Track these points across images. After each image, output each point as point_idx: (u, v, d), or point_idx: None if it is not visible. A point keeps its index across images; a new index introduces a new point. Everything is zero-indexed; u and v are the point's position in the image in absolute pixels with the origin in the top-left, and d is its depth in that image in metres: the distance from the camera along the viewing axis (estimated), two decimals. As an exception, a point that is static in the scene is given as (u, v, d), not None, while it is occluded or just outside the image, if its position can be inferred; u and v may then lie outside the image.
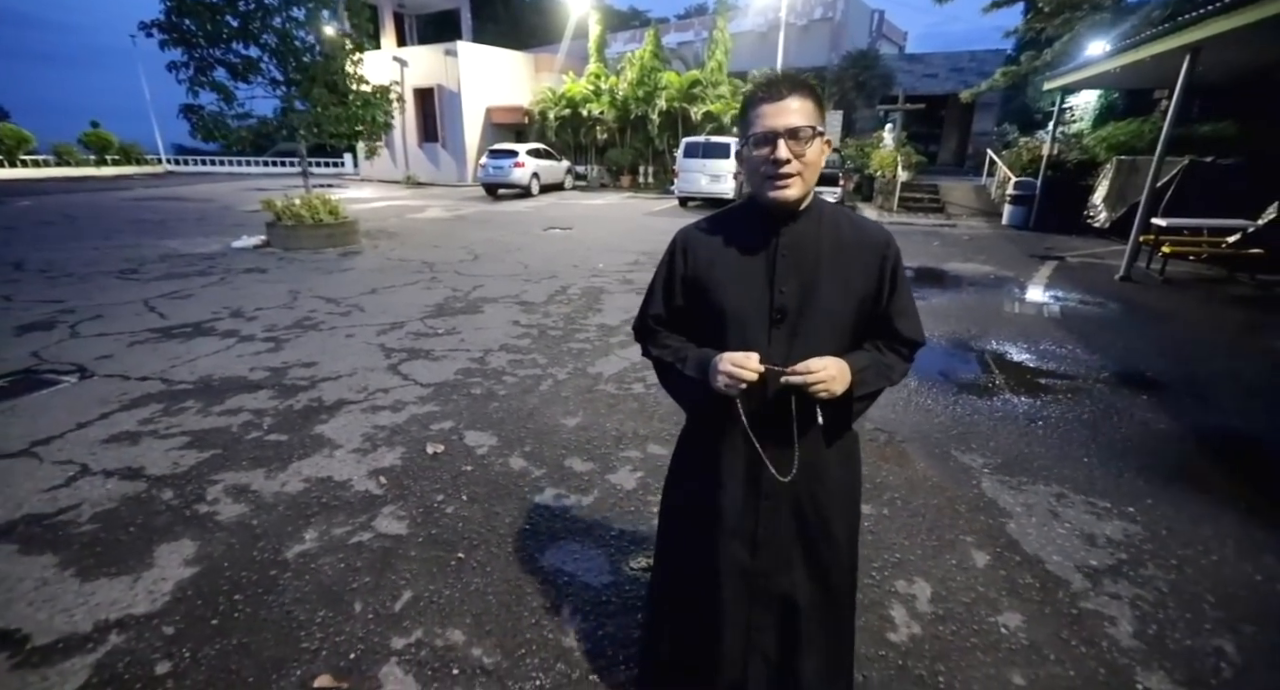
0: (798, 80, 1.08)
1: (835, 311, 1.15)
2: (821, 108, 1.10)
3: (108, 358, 4.20)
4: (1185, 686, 1.71)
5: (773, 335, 1.14)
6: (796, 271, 1.14)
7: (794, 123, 1.04)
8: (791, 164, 1.05)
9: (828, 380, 1.05)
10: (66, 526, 2.35)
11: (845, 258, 1.15)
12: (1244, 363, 4.43)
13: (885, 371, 1.18)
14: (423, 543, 2.31)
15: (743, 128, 1.12)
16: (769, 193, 1.09)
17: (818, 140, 1.06)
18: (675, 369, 1.21)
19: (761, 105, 1.06)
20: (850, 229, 1.18)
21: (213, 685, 1.68)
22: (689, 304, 1.23)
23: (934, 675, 1.76)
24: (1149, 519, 2.52)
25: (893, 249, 1.19)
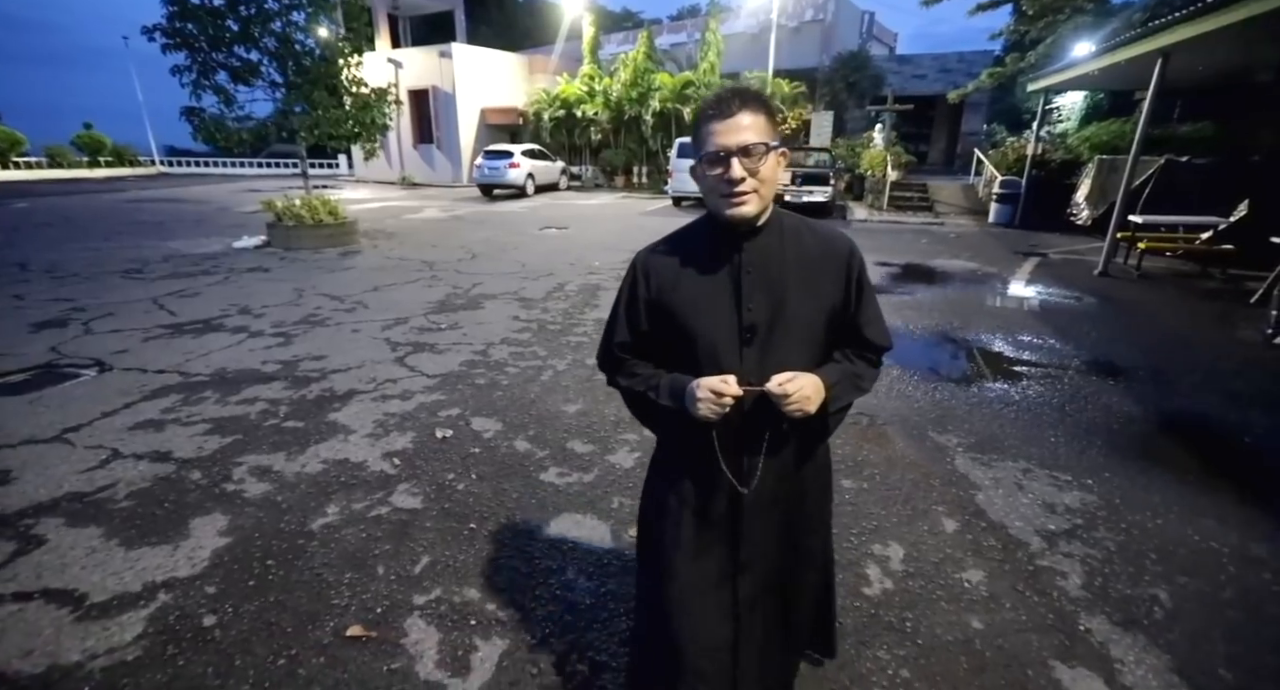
0: (748, 94, 1.06)
1: (805, 325, 1.14)
2: (774, 119, 1.08)
3: (124, 352, 4.36)
4: (1121, 627, 1.93)
5: (744, 354, 1.12)
6: (763, 288, 1.12)
7: (746, 140, 1.02)
8: (746, 182, 1.04)
9: (802, 401, 1.04)
10: (106, 503, 2.53)
11: (810, 270, 1.14)
12: (1207, 351, 4.67)
13: (856, 382, 1.18)
14: (437, 515, 2.51)
15: (695, 144, 1.09)
16: (725, 211, 1.07)
17: (772, 155, 1.05)
18: (648, 398, 1.17)
19: (712, 123, 1.04)
20: (813, 240, 1.17)
21: (255, 635, 1.87)
22: (654, 329, 1.19)
23: (902, 622, 1.97)
24: (1105, 490, 2.74)
25: (856, 257, 1.18)
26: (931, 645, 1.87)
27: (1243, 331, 5.07)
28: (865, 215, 13.40)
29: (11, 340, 4.55)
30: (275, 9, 8.18)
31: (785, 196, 12.86)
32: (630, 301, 1.21)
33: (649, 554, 1.35)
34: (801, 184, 12.90)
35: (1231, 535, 2.39)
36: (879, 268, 7.78)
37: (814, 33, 20.55)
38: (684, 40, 22.22)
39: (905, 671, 1.77)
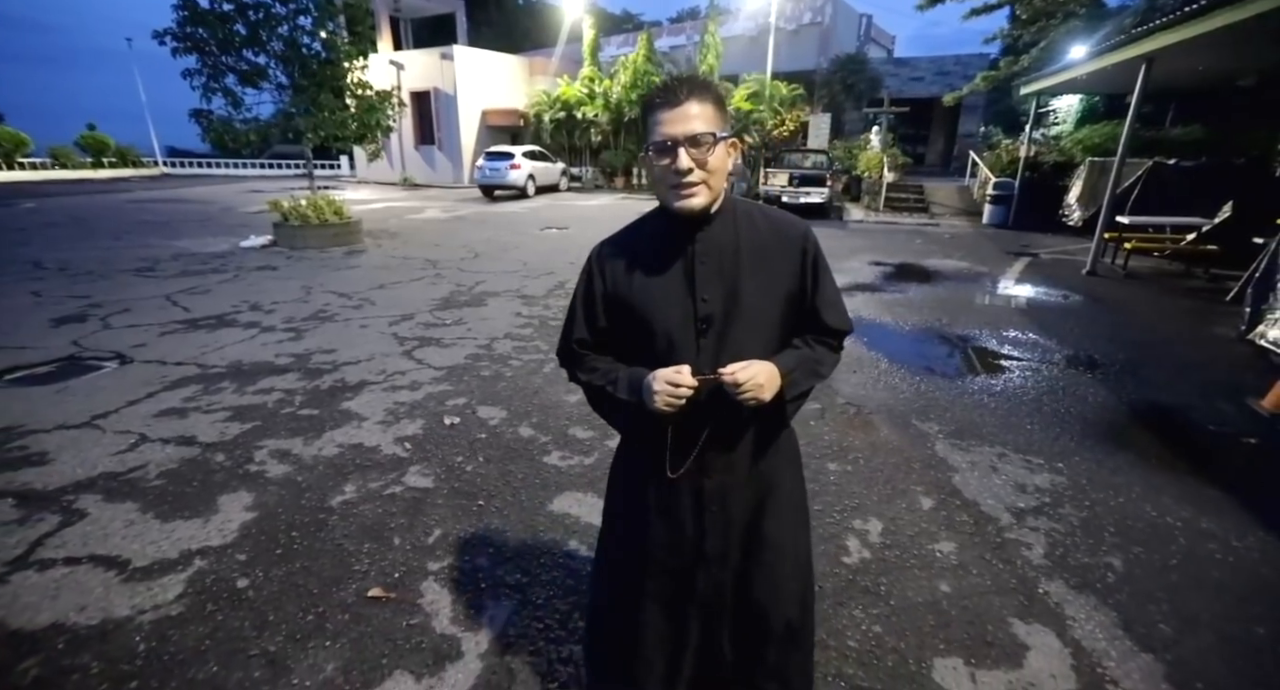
0: (696, 82, 1.04)
1: (761, 313, 1.13)
2: (724, 108, 1.06)
3: (142, 346, 4.54)
4: (1076, 589, 2.11)
5: (700, 345, 1.11)
6: (717, 277, 1.11)
7: (694, 129, 1.00)
8: (694, 173, 1.03)
9: (755, 389, 1.03)
10: (138, 482, 2.71)
11: (764, 256, 1.13)
12: (1183, 346, 4.85)
13: (815, 367, 1.16)
14: (448, 493, 2.68)
15: (644, 133, 1.08)
16: (675, 203, 1.06)
17: (721, 146, 1.03)
18: (607, 392, 1.16)
19: (659, 112, 1.02)
20: (766, 226, 1.16)
21: (285, 595, 2.04)
22: (612, 323, 1.19)
23: (878, 586, 2.15)
24: (1073, 472, 2.92)
25: (811, 240, 1.17)
26: (902, 605, 2.05)
27: (1219, 328, 5.25)
28: (862, 216, 13.59)
29: (34, 334, 4.72)
30: (283, 14, 8.37)
31: (783, 198, 13.07)
32: (587, 296, 1.20)
33: (608, 547, 1.35)
34: (799, 185, 13.10)
35: (1186, 511, 2.57)
36: (873, 267, 7.96)
37: (812, 35, 20.76)
38: (683, 43, 22.43)
39: (877, 627, 1.95)
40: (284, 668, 1.75)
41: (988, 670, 1.79)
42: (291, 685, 1.70)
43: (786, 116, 18.30)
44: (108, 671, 1.72)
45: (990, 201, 12.17)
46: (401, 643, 1.86)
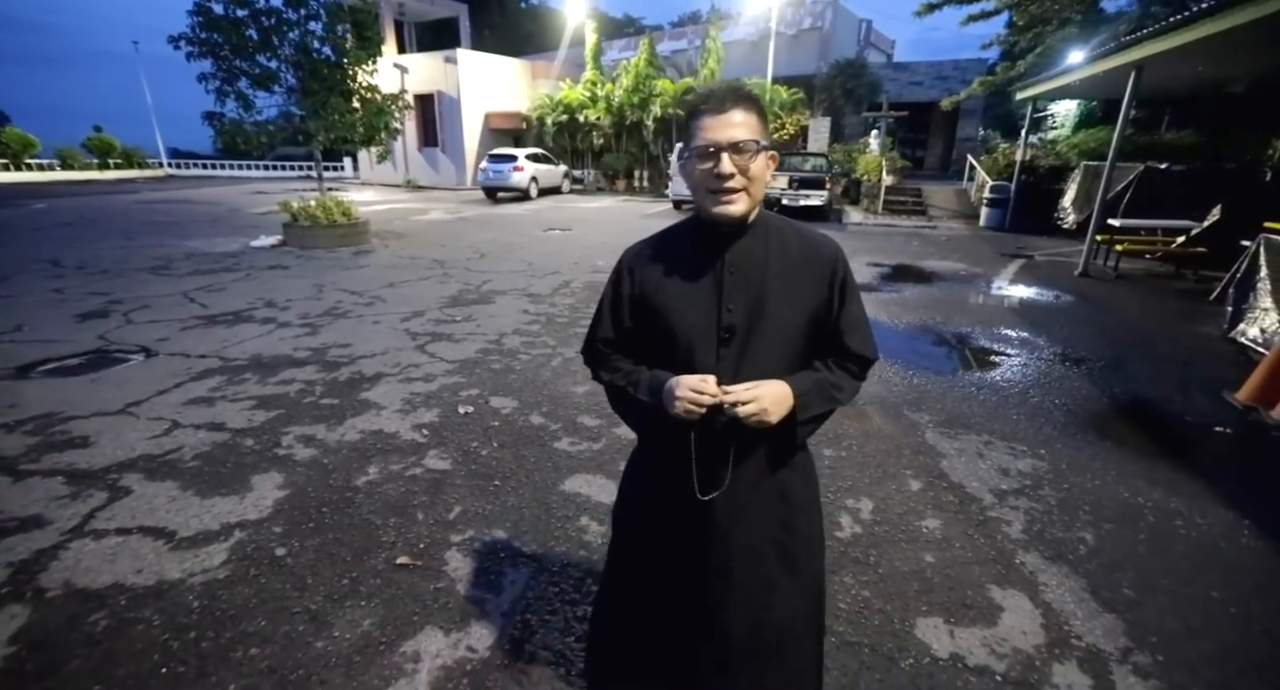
0: (741, 92, 1.06)
1: (784, 329, 1.12)
2: (765, 120, 1.08)
3: (165, 340, 4.72)
4: (1050, 560, 2.29)
5: (721, 354, 1.11)
6: (744, 289, 1.11)
7: (737, 136, 1.02)
8: (735, 179, 1.03)
9: (760, 412, 1.02)
10: (175, 463, 2.88)
11: (793, 273, 1.13)
12: (1168, 344, 5.03)
13: (832, 392, 1.14)
14: (465, 475, 2.86)
15: (685, 139, 1.10)
16: (713, 208, 1.07)
17: (762, 155, 1.05)
18: (628, 393, 1.17)
19: (704, 117, 1.04)
20: (798, 243, 1.16)
21: (320, 562, 2.22)
22: (637, 326, 1.20)
23: (867, 556, 2.32)
24: (1054, 457, 3.10)
25: (841, 262, 1.16)
26: (889, 574, 2.23)
27: (1203, 326, 5.43)
28: (860, 218, 13.78)
29: (61, 329, 4.91)
30: (294, 19, 8.58)
31: (782, 200, 13.27)
32: (615, 297, 1.22)
33: (618, 550, 1.35)
34: (798, 188, 13.29)
35: (1156, 493, 2.75)
36: (871, 268, 8.14)
37: (812, 40, 20.99)
38: (684, 47, 22.66)
39: (866, 592, 2.13)
40: (325, 623, 1.93)
41: (965, 628, 1.97)
42: (333, 637, 1.87)
43: (787, 120, 18.52)
44: (167, 624, 1.89)
45: (987, 204, 12.37)
46: (430, 603, 2.04)
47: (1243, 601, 2.08)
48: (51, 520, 2.40)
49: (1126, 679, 1.76)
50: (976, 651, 1.87)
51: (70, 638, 1.83)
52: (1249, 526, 2.49)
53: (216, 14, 7.92)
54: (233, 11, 8.03)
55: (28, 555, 2.18)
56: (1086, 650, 1.87)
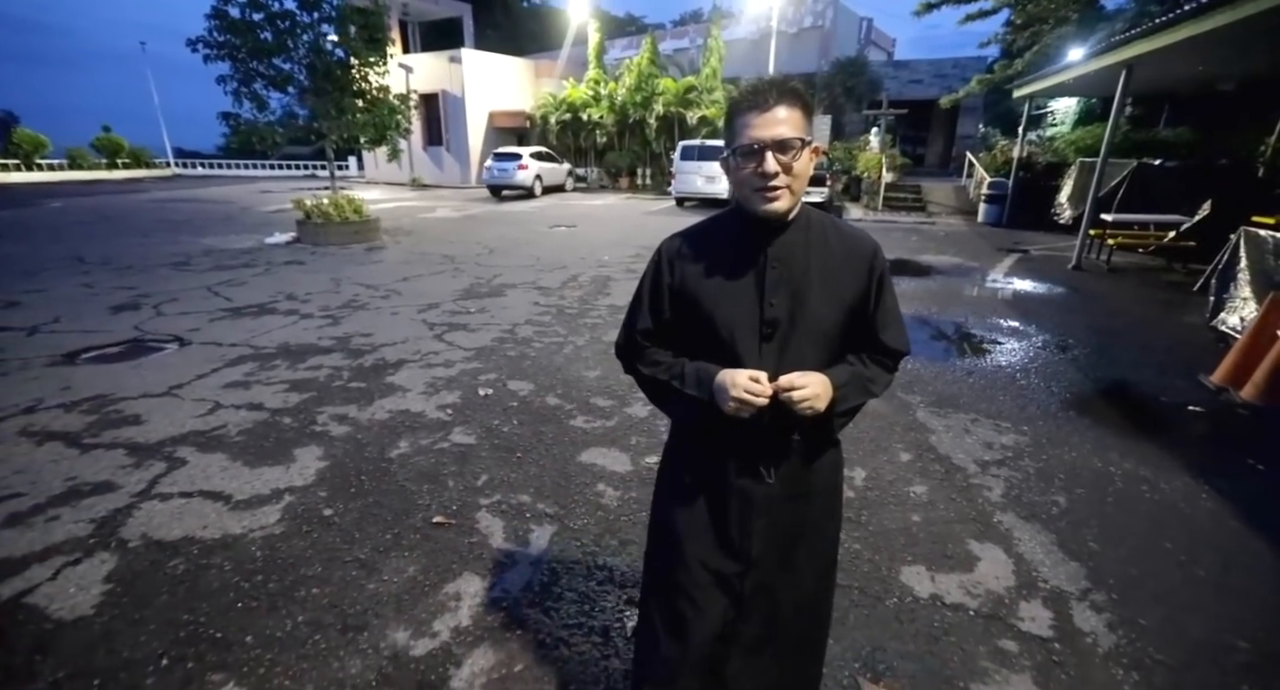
0: (786, 87, 1.04)
1: (824, 323, 1.13)
2: (810, 115, 1.07)
3: (196, 330, 4.97)
4: (1024, 519, 2.52)
5: (763, 349, 1.13)
6: (786, 284, 1.12)
7: (782, 134, 1.01)
8: (780, 177, 1.03)
9: (812, 398, 1.04)
10: (222, 438, 3.13)
11: (833, 268, 1.14)
12: (1152, 332, 5.25)
13: (867, 385, 1.16)
14: (489, 448, 3.10)
15: (728, 135, 1.09)
16: (759, 206, 1.07)
17: (806, 151, 1.04)
18: (672, 387, 1.17)
19: (748, 114, 1.03)
20: (838, 239, 1.17)
21: (364, 521, 2.46)
22: (676, 317, 1.20)
23: (859, 516, 2.56)
24: (1035, 433, 3.33)
25: (880, 258, 1.18)
26: (879, 530, 2.46)
27: (1188, 316, 5.65)
28: (860, 215, 13.99)
29: (97, 320, 5.16)
30: (307, 22, 8.82)
31: (783, 197, 13.47)
32: (654, 288, 1.21)
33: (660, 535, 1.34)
34: (799, 185, 13.49)
35: (1128, 463, 2.98)
36: (868, 262, 8.36)
37: (813, 39, 21.17)
38: (686, 46, 22.85)
39: (857, 545, 2.36)
40: (375, 569, 2.17)
41: (944, 574, 2.20)
42: (383, 580, 2.12)
43: (788, 118, 18.68)
44: (236, 569, 2.14)
45: (985, 201, 12.56)
46: (465, 554, 2.28)
47: (1193, 552, 2.31)
48: (120, 485, 2.65)
49: (1083, 613, 2.00)
50: (953, 592, 2.11)
51: (156, 578, 2.08)
52: (1208, 491, 2.72)
53: (233, 17, 8.16)
54: (249, 15, 8.27)
55: (106, 513, 2.43)
56: (1050, 591, 2.11)
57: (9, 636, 1.82)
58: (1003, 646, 1.87)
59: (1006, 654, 1.84)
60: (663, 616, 1.27)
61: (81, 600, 1.97)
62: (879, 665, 1.81)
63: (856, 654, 1.84)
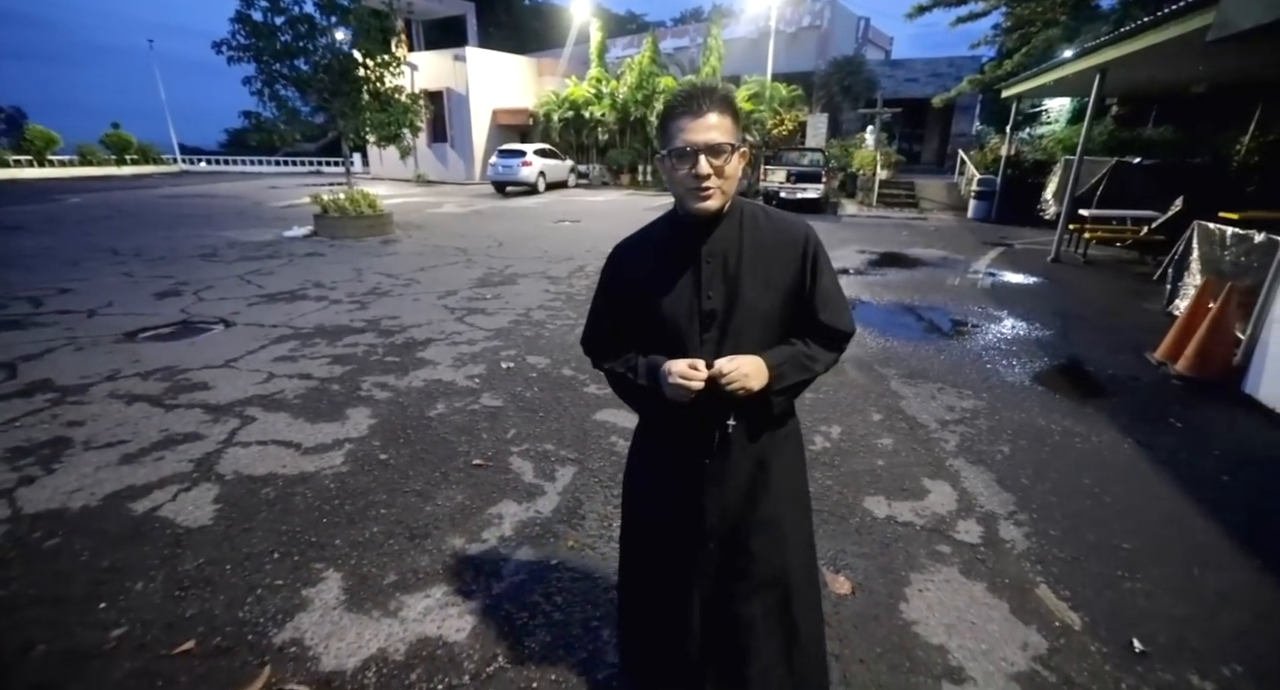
0: (717, 94, 1.10)
1: (762, 310, 1.19)
2: (739, 120, 1.13)
3: (237, 313, 5.43)
4: (972, 463, 2.99)
5: (704, 339, 1.19)
6: (721, 276, 1.18)
7: (714, 139, 1.07)
8: (712, 179, 1.10)
9: (741, 379, 1.11)
10: (282, 401, 3.59)
11: (766, 256, 1.20)
12: (1114, 317, 5.72)
13: (807, 363, 1.21)
14: (515, 409, 3.56)
15: (662, 138, 1.14)
16: (692, 205, 1.14)
17: (736, 155, 1.11)
18: (628, 378, 1.26)
19: (682, 119, 1.09)
20: (769, 227, 1.22)
21: (414, 464, 2.93)
22: (627, 315, 1.28)
23: (833, 460, 3.02)
24: (992, 398, 3.80)
25: (812, 239, 1.22)
26: (848, 471, 2.93)
27: (1149, 303, 6.11)
28: (855, 211, 14.44)
29: (145, 305, 5.62)
30: (324, 25, 9.26)
31: (780, 193, 13.93)
32: (606, 291, 1.31)
33: (627, 533, 1.47)
34: (796, 182, 13.95)
35: (1067, 421, 3.45)
36: (860, 255, 8.83)
37: (811, 38, 21.56)
38: (686, 45, 23.24)
39: (829, 482, 2.83)
40: (429, 497, 2.64)
41: (899, 502, 2.67)
42: (437, 504, 2.58)
43: (785, 116, 19.13)
44: (316, 496, 2.60)
45: (974, 197, 13.02)
46: (504, 487, 2.75)
47: (1105, 486, 2.78)
48: (206, 435, 3.11)
49: (1007, 528, 2.47)
50: (905, 514, 2.57)
51: (253, 501, 2.54)
52: (1130, 442, 3.19)
53: (257, 21, 8.59)
54: (271, 19, 8.70)
55: (200, 455, 2.90)
56: (984, 513, 2.58)
57: (153, 536, 2.29)
58: (939, 550, 2.34)
59: (942, 554, 2.31)
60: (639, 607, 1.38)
61: (200, 515, 2.44)
62: (840, 563, 2.27)
63: (822, 556, 2.30)
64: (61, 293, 5.95)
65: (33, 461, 2.80)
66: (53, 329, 4.81)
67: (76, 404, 3.43)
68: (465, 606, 2.00)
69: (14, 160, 21.88)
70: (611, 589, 2.05)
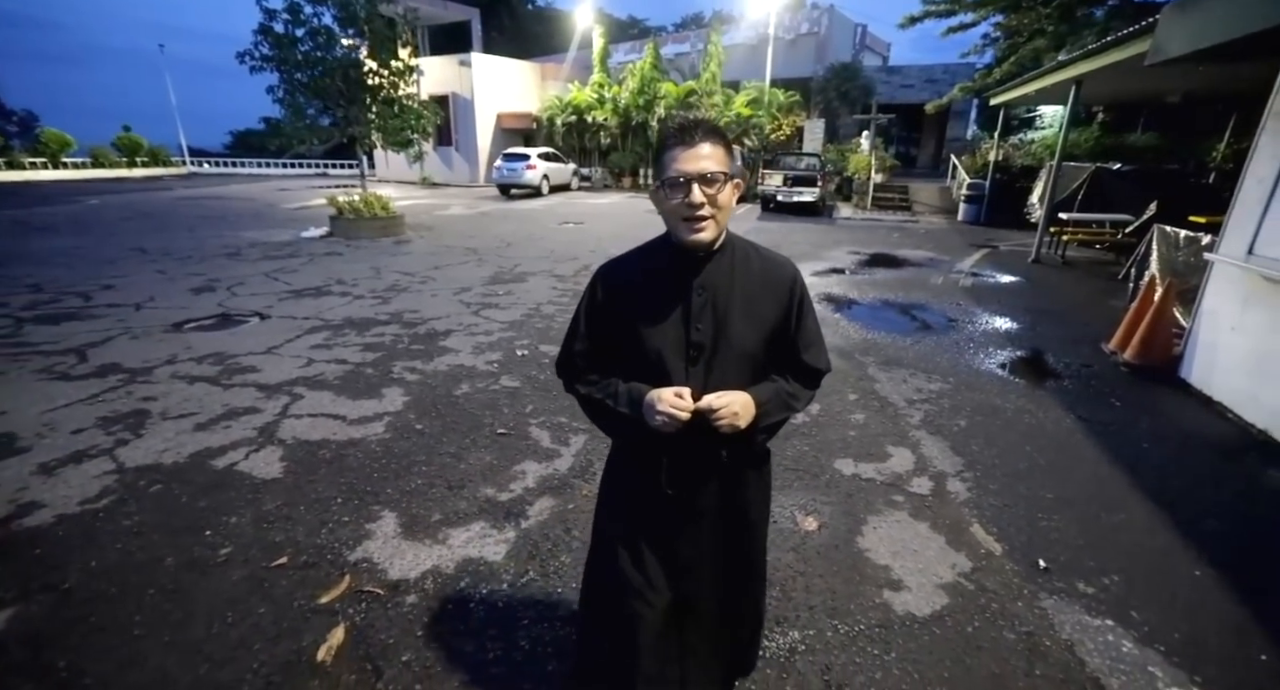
0: (710, 126, 1.13)
1: (746, 346, 1.21)
2: (731, 152, 1.16)
3: (270, 307, 5.88)
4: (931, 434, 3.43)
5: (690, 372, 1.20)
6: (710, 309, 1.20)
7: (706, 168, 1.10)
8: (705, 208, 1.11)
9: (730, 417, 1.12)
10: (324, 382, 4.04)
11: (755, 294, 1.22)
12: (1080, 313, 6.17)
13: (788, 401, 1.24)
14: (531, 389, 4.01)
15: (657, 169, 1.16)
16: (686, 235, 1.15)
17: (729, 184, 1.13)
18: (607, 406, 1.24)
19: (675, 149, 1.12)
20: (760, 266, 1.25)
21: (446, 433, 3.37)
22: (610, 339, 1.27)
23: (810, 431, 3.47)
24: (958, 381, 4.24)
25: (799, 283, 1.26)
26: (823, 440, 3.37)
27: (1115, 301, 6.55)
28: (850, 213, 14.90)
29: (183, 300, 6.07)
30: (342, 35, 9.73)
31: (777, 196, 14.39)
32: (589, 312, 1.29)
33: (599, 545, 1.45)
34: (792, 185, 14.40)
35: (1020, 401, 3.90)
36: (851, 256, 9.28)
37: (809, 45, 22.07)
38: (687, 50, 23.75)
39: (805, 448, 3.27)
40: (462, 458, 3.09)
41: (865, 463, 3.11)
42: (469, 463, 3.03)
43: (784, 121, 19.63)
44: (365, 456, 3.05)
45: (965, 200, 13.48)
46: (526, 450, 3.19)
47: (1043, 452, 3.22)
48: (262, 409, 3.56)
49: (953, 483, 2.92)
50: (869, 472, 3.02)
51: (313, 460, 2.99)
52: (1072, 418, 3.64)
53: (279, 33, 9.06)
54: (292, 30, 9.17)
55: (261, 425, 3.35)
56: (935, 471, 3.02)
57: (235, 484, 2.74)
58: (894, 499, 2.79)
59: (896, 502, 2.76)
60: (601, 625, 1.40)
61: (270, 470, 2.89)
62: (810, 509, 2.72)
63: (797, 504, 2.75)
64: (105, 288, 6.40)
65: (122, 428, 3.25)
66: (106, 320, 5.27)
67: (145, 383, 3.89)
68: (500, 537, 2.45)
69: (30, 162, 22.38)
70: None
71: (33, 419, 3.31)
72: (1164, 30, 4.03)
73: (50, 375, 3.97)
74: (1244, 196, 3.75)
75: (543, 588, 2.17)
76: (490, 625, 1.99)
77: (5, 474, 2.77)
